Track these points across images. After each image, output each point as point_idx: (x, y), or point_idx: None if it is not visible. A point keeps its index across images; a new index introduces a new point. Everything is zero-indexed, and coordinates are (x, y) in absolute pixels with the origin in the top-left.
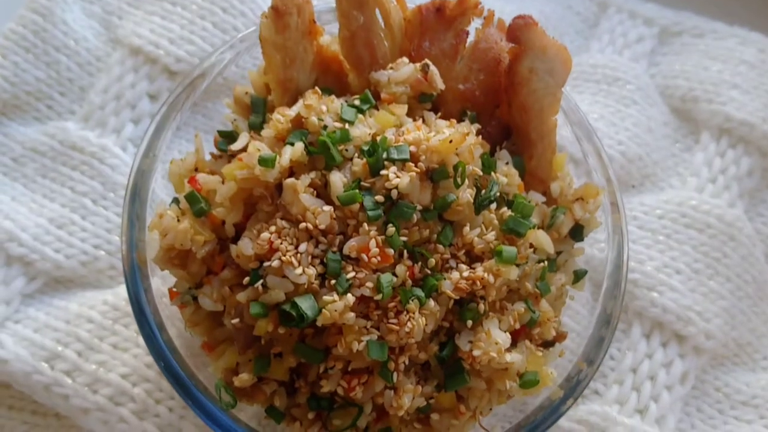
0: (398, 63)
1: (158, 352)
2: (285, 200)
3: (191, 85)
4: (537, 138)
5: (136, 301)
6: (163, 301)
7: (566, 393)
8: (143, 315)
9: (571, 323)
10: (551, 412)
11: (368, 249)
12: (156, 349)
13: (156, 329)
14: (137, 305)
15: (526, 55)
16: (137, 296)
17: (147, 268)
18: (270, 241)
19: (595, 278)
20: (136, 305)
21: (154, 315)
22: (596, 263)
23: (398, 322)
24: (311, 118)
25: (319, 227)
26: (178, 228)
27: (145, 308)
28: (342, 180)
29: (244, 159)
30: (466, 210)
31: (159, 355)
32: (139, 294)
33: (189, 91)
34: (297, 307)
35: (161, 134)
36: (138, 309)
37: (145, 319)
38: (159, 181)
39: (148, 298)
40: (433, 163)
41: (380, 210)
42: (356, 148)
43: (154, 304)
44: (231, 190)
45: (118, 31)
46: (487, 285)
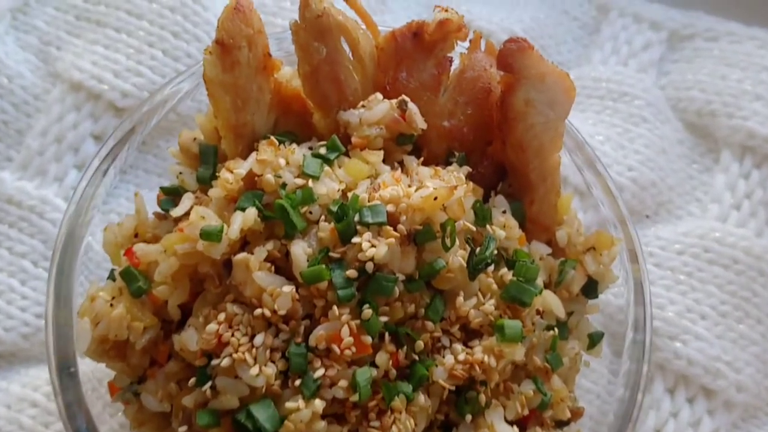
0: (371, 100)
1: None
2: (236, 280)
3: (139, 121)
4: (538, 179)
5: (66, 413)
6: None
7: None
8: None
9: (587, 383)
10: None
11: (340, 338)
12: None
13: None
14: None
15: (520, 84)
16: (67, 407)
17: (76, 359)
18: (218, 333)
19: (611, 328)
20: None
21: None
22: (612, 310)
23: (381, 425)
24: (266, 175)
25: (278, 312)
26: (112, 315)
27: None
28: (306, 251)
29: (186, 230)
30: (458, 276)
31: None
32: (69, 405)
33: (136, 128)
34: (253, 418)
35: (98, 183)
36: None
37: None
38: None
39: (79, 408)
40: (416, 224)
41: (353, 288)
42: (323, 208)
43: (88, 413)
44: (172, 267)
45: (57, 64)
46: (488, 369)
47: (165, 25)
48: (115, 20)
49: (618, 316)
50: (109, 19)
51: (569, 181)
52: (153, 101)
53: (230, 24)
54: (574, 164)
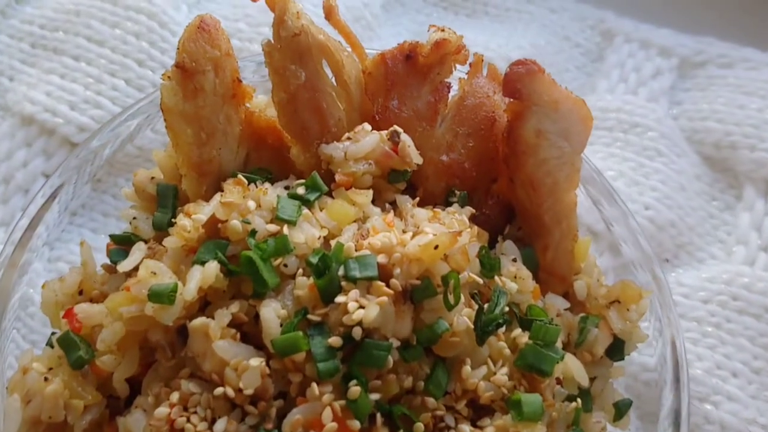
0: (358, 131)
1: None
2: (193, 351)
3: (90, 153)
4: (552, 222)
5: None
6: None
7: None
8: None
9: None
10: None
11: (321, 424)
12: None
13: None
14: None
15: (531, 113)
16: None
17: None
18: (170, 418)
19: (634, 388)
20: None
21: None
22: (635, 369)
23: None
24: (231, 221)
25: (244, 392)
26: (47, 391)
27: None
28: (279, 313)
29: (133, 289)
30: (464, 341)
31: None
32: None
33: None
34: None
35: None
36: None
37: None
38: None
39: None
40: (413, 278)
41: (336, 360)
42: (300, 260)
43: None
44: (117, 334)
45: (7, 96)
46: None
47: (128, 52)
48: (74, 47)
49: (642, 375)
50: (67, 47)
51: (581, 221)
52: (105, 132)
53: (193, 45)
54: (590, 199)
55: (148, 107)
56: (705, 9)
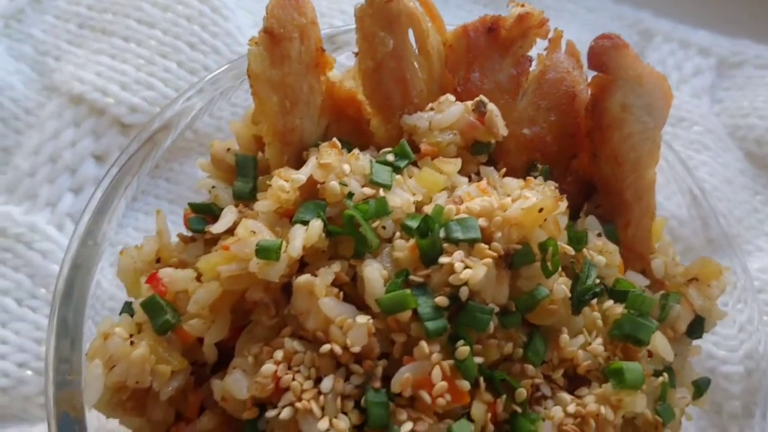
0: (442, 102)
1: None
2: (296, 309)
3: (150, 141)
4: (633, 198)
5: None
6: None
7: None
8: None
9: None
10: None
11: (431, 383)
12: None
13: None
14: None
15: (617, 87)
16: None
17: (84, 415)
18: (276, 376)
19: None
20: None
21: None
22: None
23: None
24: (330, 182)
25: (350, 349)
26: (132, 356)
27: None
28: (381, 273)
29: (233, 248)
30: (561, 309)
31: None
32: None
33: (148, 149)
34: None
35: (108, 209)
36: None
37: None
38: (108, 272)
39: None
40: (513, 243)
41: (444, 319)
42: (396, 223)
43: None
44: (212, 294)
45: (54, 76)
46: (604, 424)
47: (180, 35)
48: (124, 29)
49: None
50: (116, 28)
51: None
52: (164, 117)
53: (281, 11)
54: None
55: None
56: (738, 11)
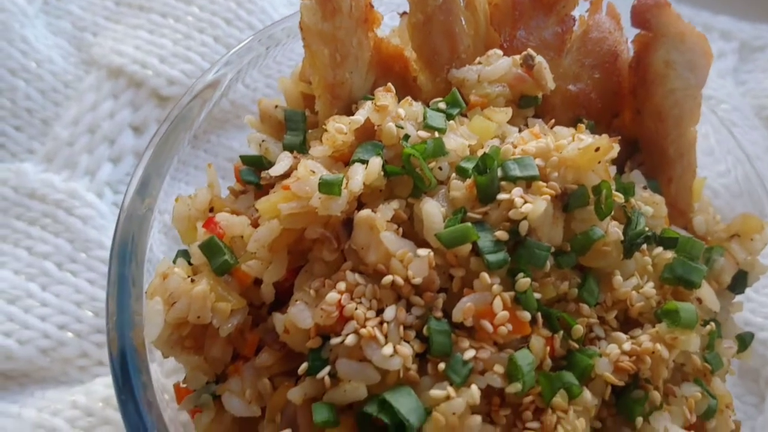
0: (490, 55)
1: None
2: (357, 243)
3: (188, 110)
4: (675, 155)
5: (132, 409)
6: (164, 399)
7: None
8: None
9: None
10: None
11: (492, 313)
12: None
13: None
14: (133, 413)
15: (660, 43)
16: (133, 400)
17: (145, 355)
18: (340, 304)
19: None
20: (133, 413)
21: (158, 426)
22: None
23: (543, 426)
24: (387, 125)
25: (411, 281)
26: (193, 292)
27: (145, 418)
28: (440, 211)
29: (293, 187)
30: (614, 252)
31: None
32: (136, 395)
33: (186, 119)
34: (391, 408)
35: (162, 167)
36: (134, 420)
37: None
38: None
39: (147, 400)
40: (569, 183)
41: (504, 252)
42: (452, 167)
43: (158, 409)
44: (272, 232)
45: (92, 50)
46: (659, 362)
47: (216, 11)
48: (161, 5)
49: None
50: (154, 4)
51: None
52: (195, 89)
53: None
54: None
55: (234, 64)
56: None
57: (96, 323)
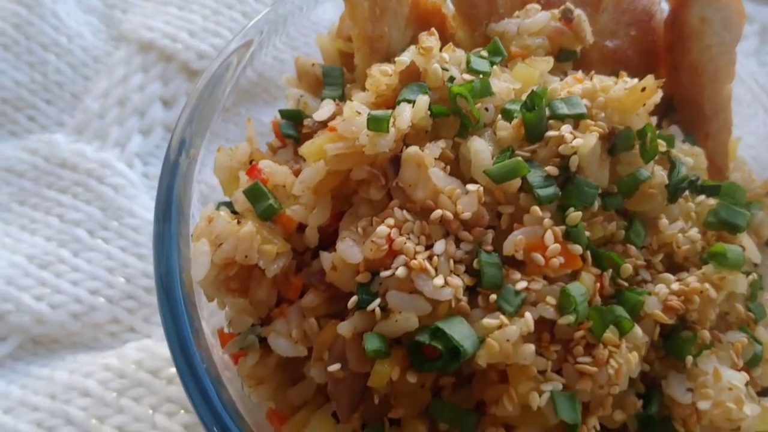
0: (529, 9)
1: (218, 421)
2: (405, 181)
3: (215, 80)
4: (711, 112)
5: (180, 348)
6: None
7: None
8: (192, 368)
9: None
10: None
11: (543, 245)
12: (214, 418)
13: (212, 388)
14: (183, 353)
15: (695, 1)
16: (183, 340)
17: (194, 298)
18: (390, 238)
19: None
20: (180, 354)
21: (209, 368)
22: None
23: (595, 360)
24: (432, 66)
25: (460, 216)
26: (240, 232)
27: (195, 359)
28: (488, 148)
29: (340, 128)
30: (659, 195)
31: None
32: (184, 337)
33: (215, 89)
34: (444, 336)
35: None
36: (185, 360)
37: (196, 374)
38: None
39: (198, 342)
40: (616, 123)
41: (554, 186)
42: (497, 110)
43: (208, 351)
44: (318, 174)
45: (122, 27)
46: (707, 302)
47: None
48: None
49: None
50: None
51: None
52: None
53: None
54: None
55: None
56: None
57: (128, 289)
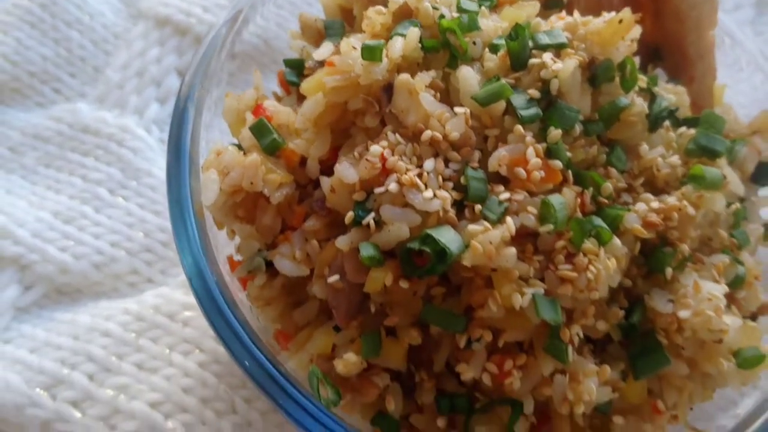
0: None
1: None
2: (397, 107)
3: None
4: (696, 56)
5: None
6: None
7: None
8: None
9: None
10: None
11: (526, 160)
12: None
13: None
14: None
15: None
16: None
17: (204, 222)
18: (383, 157)
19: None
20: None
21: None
22: None
23: (575, 267)
24: (424, 4)
25: (449, 137)
26: (246, 162)
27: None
28: (475, 75)
29: (336, 62)
30: (639, 125)
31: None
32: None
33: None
34: (433, 241)
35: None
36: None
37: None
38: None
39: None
40: (596, 53)
41: (537, 107)
42: (485, 44)
43: (221, 274)
44: (318, 106)
45: (140, 5)
46: (686, 219)
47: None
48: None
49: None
50: None
51: None
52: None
53: None
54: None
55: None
56: None
57: (146, 243)
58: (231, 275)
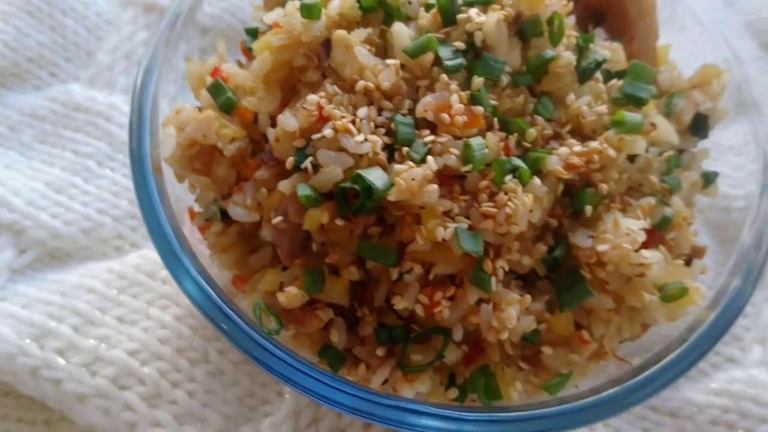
0: None
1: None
2: (335, 60)
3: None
4: (637, 15)
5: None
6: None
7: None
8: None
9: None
10: (706, 335)
11: (450, 106)
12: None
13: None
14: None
15: None
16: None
17: (162, 178)
18: (319, 106)
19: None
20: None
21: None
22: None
23: (495, 204)
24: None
25: (381, 87)
26: (200, 116)
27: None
28: (408, 34)
29: (282, 22)
30: (567, 77)
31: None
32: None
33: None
34: (362, 179)
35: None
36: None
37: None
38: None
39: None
40: (523, 9)
41: (462, 58)
42: (421, 3)
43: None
44: (266, 63)
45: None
46: (607, 162)
47: None
48: None
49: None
50: None
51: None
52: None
53: None
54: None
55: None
56: None
57: (130, 210)
58: (192, 227)
